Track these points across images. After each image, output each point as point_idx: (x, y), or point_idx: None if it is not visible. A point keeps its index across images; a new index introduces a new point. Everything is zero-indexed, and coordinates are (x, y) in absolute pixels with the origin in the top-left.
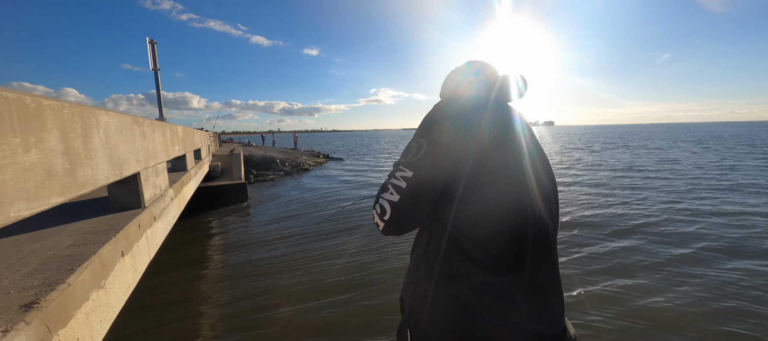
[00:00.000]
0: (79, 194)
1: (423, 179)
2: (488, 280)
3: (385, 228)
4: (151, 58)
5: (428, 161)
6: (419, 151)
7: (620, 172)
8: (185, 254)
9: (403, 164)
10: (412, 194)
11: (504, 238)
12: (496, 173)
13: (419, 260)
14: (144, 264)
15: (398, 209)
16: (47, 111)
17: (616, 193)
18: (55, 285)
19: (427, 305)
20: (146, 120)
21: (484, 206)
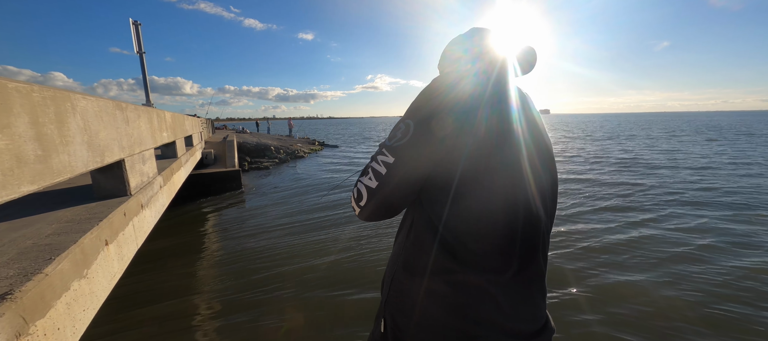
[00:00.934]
0: (54, 181)
1: (404, 168)
2: (468, 278)
3: (361, 213)
4: (135, 41)
5: (413, 149)
6: (405, 135)
7: (625, 165)
8: (177, 241)
9: (386, 148)
10: (391, 182)
11: (492, 239)
12: (491, 172)
13: (399, 250)
14: (131, 252)
15: (375, 196)
16: (13, 94)
17: (622, 186)
18: (31, 275)
19: (403, 297)
20: (130, 105)
21: (476, 205)
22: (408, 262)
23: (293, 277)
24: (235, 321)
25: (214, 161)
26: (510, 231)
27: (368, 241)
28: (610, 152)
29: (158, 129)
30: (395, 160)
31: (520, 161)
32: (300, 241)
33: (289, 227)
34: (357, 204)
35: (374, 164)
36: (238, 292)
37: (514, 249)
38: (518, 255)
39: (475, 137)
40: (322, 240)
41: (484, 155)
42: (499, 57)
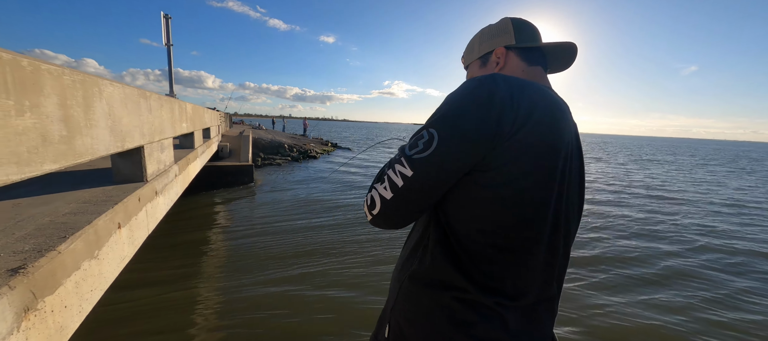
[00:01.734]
0: (76, 162)
1: (422, 183)
2: (479, 298)
3: (373, 221)
4: (164, 33)
5: (435, 162)
6: (428, 146)
7: (652, 191)
8: (187, 229)
9: (405, 158)
10: (406, 196)
11: (510, 264)
12: (522, 192)
13: (410, 257)
14: (142, 237)
15: (388, 207)
16: (46, 76)
17: (649, 213)
18: (45, 251)
19: (411, 307)
20: (154, 94)
21: (498, 225)
22: (418, 273)
23: (295, 275)
24: (234, 311)
25: (229, 155)
26: (531, 258)
27: (373, 245)
28: (633, 176)
29: (179, 120)
30: (413, 173)
31: (555, 177)
32: (305, 240)
33: (296, 224)
34: (369, 212)
35: (391, 172)
36: (238, 280)
37: (535, 276)
38: (538, 284)
39: (513, 151)
40: (328, 241)
41: (521, 174)
42: (535, 53)
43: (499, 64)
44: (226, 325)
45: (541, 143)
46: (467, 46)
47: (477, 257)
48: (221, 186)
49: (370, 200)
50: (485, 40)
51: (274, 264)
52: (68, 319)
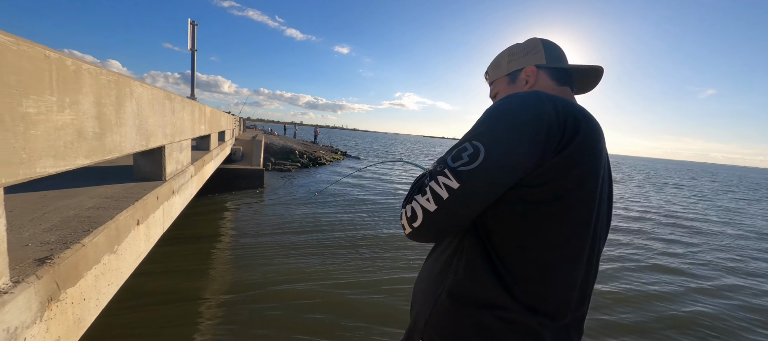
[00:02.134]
0: (104, 158)
1: (469, 197)
2: (522, 318)
3: (412, 234)
4: (190, 39)
5: (482, 176)
6: (474, 159)
7: (672, 218)
8: (198, 229)
9: (449, 170)
10: (451, 208)
11: (553, 282)
12: (568, 209)
13: (445, 271)
14: (157, 234)
15: (431, 220)
16: (86, 75)
17: (670, 243)
18: (70, 243)
19: (449, 325)
20: (178, 97)
21: (543, 241)
22: (456, 290)
23: (299, 274)
24: (240, 309)
25: (242, 158)
26: (574, 275)
27: (379, 256)
28: (650, 200)
29: (198, 122)
30: (460, 186)
31: (596, 194)
32: (312, 242)
33: (303, 228)
34: (409, 225)
35: (434, 184)
36: (244, 280)
37: (574, 295)
38: (576, 302)
39: (560, 167)
40: (334, 244)
41: (567, 190)
42: (564, 74)
43: (528, 83)
44: (231, 319)
45: (585, 161)
46: (493, 62)
47: (519, 274)
48: (233, 189)
49: (410, 212)
50: (515, 58)
51: (279, 264)
52: (86, 312)
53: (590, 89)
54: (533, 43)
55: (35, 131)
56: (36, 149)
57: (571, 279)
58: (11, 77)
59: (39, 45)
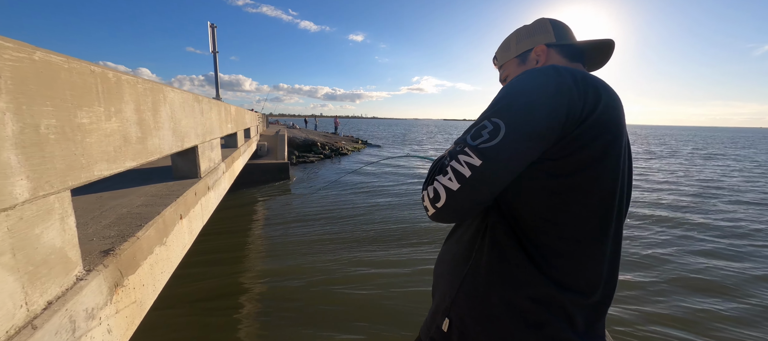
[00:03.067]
0: (148, 160)
1: (493, 173)
2: (555, 296)
3: (436, 215)
4: (210, 42)
5: (505, 151)
6: (495, 135)
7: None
8: (232, 223)
9: (470, 148)
10: (475, 186)
11: (582, 257)
12: (594, 180)
13: (468, 251)
14: (198, 227)
15: (455, 199)
16: (125, 85)
17: (720, 228)
18: (127, 237)
19: (477, 305)
20: (205, 98)
21: (570, 215)
22: (483, 269)
23: (330, 266)
24: (271, 298)
25: (267, 153)
26: (601, 250)
27: (406, 238)
28: (703, 173)
29: (224, 121)
30: (482, 163)
31: (621, 168)
32: (338, 228)
33: (330, 219)
34: (433, 205)
35: (455, 163)
36: (276, 270)
37: (603, 269)
38: (605, 278)
39: (583, 138)
40: (359, 229)
41: (592, 161)
42: (575, 51)
43: (539, 62)
44: (266, 304)
45: (608, 131)
46: (501, 46)
47: (548, 250)
48: (261, 183)
49: (433, 192)
50: (523, 38)
51: (310, 249)
52: (145, 296)
53: (602, 65)
54: (541, 23)
55: (90, 139)
56: (92, 154)
57: (600, 252)
58: (66, 92)
59: (85, 61)
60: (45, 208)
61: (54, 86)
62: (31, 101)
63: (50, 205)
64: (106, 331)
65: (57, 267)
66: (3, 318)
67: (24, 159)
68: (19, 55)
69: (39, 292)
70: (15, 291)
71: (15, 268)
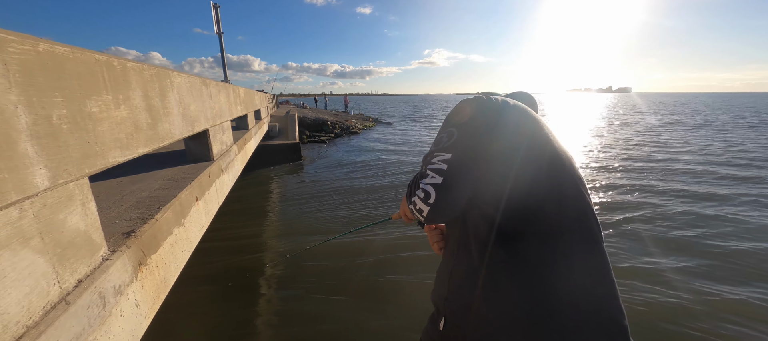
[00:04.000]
0: (160, 145)
1: (463, 158)
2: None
3: (430, 213)
4: (215, 22)
5: (465, 141)
6: (451, 137)
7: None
8: (247, 204)
9: (437, 151)
10: (455, 174)
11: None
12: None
13: (449, 258)
14: (214, 209)
15: (442, 189)
16: (131, 72)
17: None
18: (146, 219)
19: (457, 300)
20: (212, 81)
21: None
22: (457, 269)
23: (345, 246)
24: (288, 274)
25: (279, 134)
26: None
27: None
28: (750, 149)
29: (234, 103)
30: (452, 154)
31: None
32: (351, 207)
33: (343, 197)
34: (426, 203)
35: (432, 167)
36: (292, 249)
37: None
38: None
39: (518, 127)
40: (372, 207)
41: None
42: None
43: None
44: (285, 283)
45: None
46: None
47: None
48: (273, 163)
49: (423, 193)
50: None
51: (323, 227)
52: (168, 273)
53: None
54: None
55: (102, 127)
56: (105, 142)
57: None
58: (74, 82)
59: (89, 50)
60: (66, 195)
61: (61, 77)
62: (41, 93)
63: (71, 192)
64: (134, 305)
65: (83, 248)
66: (38, 295)
67: (40, 150)
68: (23, 48)
69: (69, 271)
70: (47, 271)
71: (44, 250)
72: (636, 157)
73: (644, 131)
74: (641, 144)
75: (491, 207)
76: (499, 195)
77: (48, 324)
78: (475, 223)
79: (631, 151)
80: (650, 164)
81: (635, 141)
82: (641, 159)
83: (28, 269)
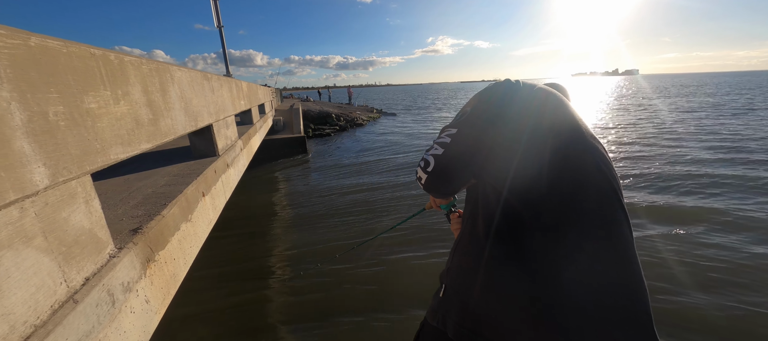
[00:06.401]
0: (163, 141)
1: (466, 135)
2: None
3: (427, 180)
4: (214, 16)
5: (473, 120)
6: (463, 115)
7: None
8: (254, 199)
9: (448, 126)
10: (455, 148)
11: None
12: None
13: (465, 223)
14: (221, 203)
15: (441, 162)
16: (129, 67)
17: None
18: (153, 216)
19: (456, 270)
20: (214, 76)
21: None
22: (458, 243)
23: (356, 235)
24: (297, 267)
25: (283, 128)
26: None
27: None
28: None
29: (237, 97)
30: (458, 130)
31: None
32: (358, 199)
33: (351, 189)
34: (424, 171)
35: (438, 140)
36: (301, 243)
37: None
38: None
39: (532, 114)
40: (378, 200)
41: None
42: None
43: None
44: (295, 276)
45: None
46: None
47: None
48: (278, 157)
49: (423, 162)
50: None
51: (331, 221)
52: (177, 269)
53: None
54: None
55: (101, 124)
56: (106, 139)
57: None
58: (69, 78)
59: (84, 45)
60: (68, 193)
61: (55, 72)
62: (34, 89)
63: (73, 190)
64: (144, 301)
65: (89, 246)
66: (45, 294)
67: (37, 147)
68: (13, 42)
69: (75, 270)
70: (52, 269)
71: (48, 249)
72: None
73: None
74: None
75: (498, 185)
76: (504, 174)
77: (56, 322)
78: (486, 198)
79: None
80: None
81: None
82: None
83: (32, 268)
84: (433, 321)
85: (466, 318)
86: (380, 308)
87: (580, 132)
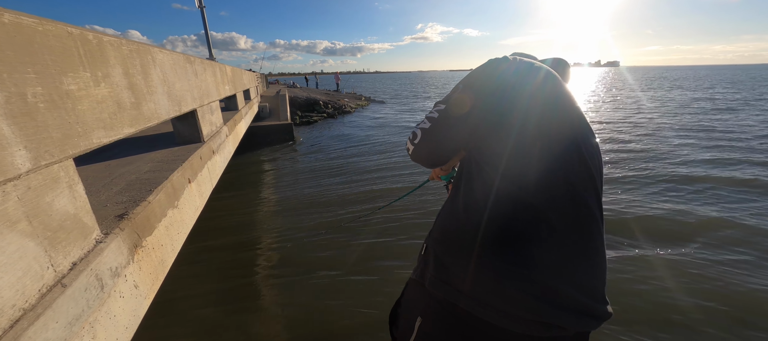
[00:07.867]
0: (146, 126)
1: (455, 110)
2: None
3: (414, 151)
4: None
5: (464, 95)
6: (455, 92)
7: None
8: (240, 186)
9: (440, 102)
10: (444, 122)
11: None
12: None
13: (452, 191)
14: (208, 190)
15: (427, 135)
16: (108, 47)
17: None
18: (139, 202)
19: (435, 233)
20: (197, 59)
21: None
22: (442, 210)
23: (341, 222)
24: (284, 255)
25: (269, 115)
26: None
27: (414, 195)
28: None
29: (221, 82)
30: (446, 106)
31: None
32: (347, 189)
33: (338, 177)
34: (412, 143)
35: (428, 115)
36: (288, 231)
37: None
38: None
39: (527, 95)
40: (367, 189)
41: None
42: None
43: None
44: (283, 263)
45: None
46: None
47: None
48: (264, 145)
49: (412, 135)
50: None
51: (319, 209)
52: (165, 255)
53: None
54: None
55: (82, 107)
56: (87, 122)
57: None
58: (46, 57)
59: (60, 23)
60: (51, 177)
61: (31, 52)
62: (11, 69)
63: (55, 174)
64: (133, 287)
65: (74, 231)
66: (32, 278)
67: (17, 129)
68: None
69: (62, 255)
70: (38, 254)
71: (33, 234)
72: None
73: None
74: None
75: (483, 161)
76: (491, 155)
77: (45, 306)
78: (469, 173)
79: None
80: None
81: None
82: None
83: (18, 253)
84: (414, 275)
85: (440, 271)
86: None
87: (570, 120)
